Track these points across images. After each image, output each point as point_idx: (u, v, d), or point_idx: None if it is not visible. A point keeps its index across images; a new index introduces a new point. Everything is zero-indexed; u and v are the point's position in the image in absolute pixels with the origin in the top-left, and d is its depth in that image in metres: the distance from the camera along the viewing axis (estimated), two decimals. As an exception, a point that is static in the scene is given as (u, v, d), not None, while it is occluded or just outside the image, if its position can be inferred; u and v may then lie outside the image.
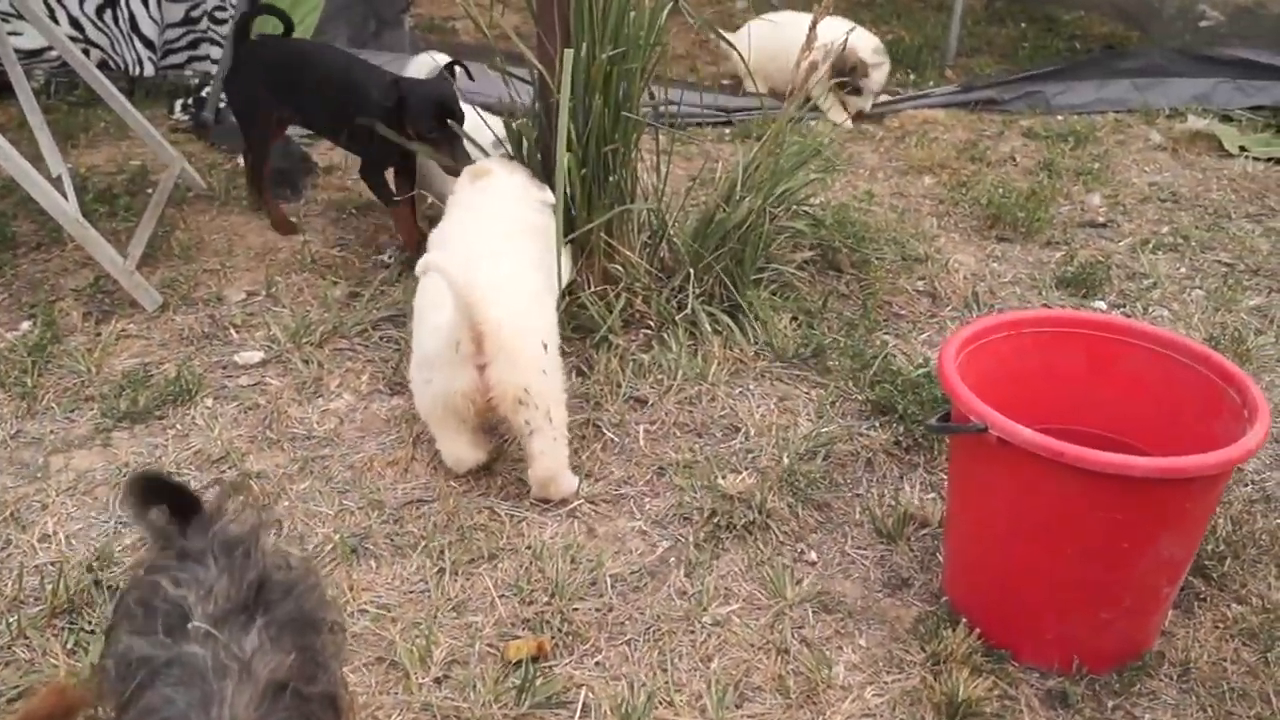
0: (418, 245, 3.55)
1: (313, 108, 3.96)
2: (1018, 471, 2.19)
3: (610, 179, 3.32)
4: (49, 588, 2.39)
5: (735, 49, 4.16)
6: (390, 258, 3.91)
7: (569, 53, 3.01)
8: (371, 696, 2.20)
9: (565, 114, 2.97)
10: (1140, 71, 6.02)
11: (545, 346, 2.71)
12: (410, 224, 3.83)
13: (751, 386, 3.26)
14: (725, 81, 6.18)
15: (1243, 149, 5.30)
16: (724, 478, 2.85)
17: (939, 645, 2.34)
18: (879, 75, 5.66)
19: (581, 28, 3.11)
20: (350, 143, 3.93)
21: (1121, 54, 6.46)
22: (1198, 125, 5.55)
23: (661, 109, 3.59)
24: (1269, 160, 5.22)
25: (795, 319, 3.54)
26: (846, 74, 5.47)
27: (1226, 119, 5.68)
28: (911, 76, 6.46)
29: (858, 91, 5.63)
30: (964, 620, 2.40)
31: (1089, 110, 5.87)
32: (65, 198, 3.46)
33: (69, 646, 2.26)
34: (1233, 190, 4.89)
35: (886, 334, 3.58)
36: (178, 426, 3.01)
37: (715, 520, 2.72)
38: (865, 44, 5.55)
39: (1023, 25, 7.53)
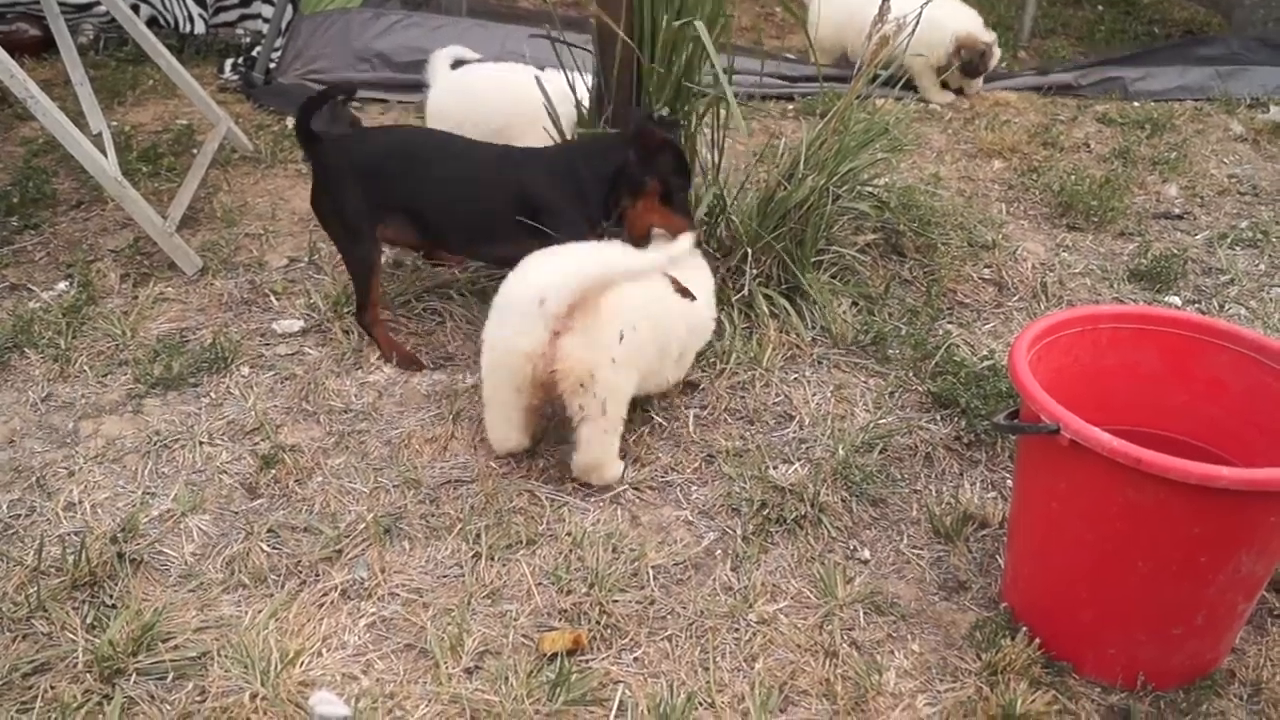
0: None
1: (445, 214, 3.06)
2: (1090, 477, 2.05)
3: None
4: (70, 559, 2.33)
5: (799, 18, 4.00)
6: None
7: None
8: (399, 686, 2.11)
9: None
10: (1221, 59, 5.83)
11: (621, 336, 2.57)
12: None
13: (807, 373, 3.14)
14: (790, 56, 6.02)
15: (1327, 142, 5.10)
16: (775, 468, 2.74)
17: (996, 654, 2.22)
18: (996, 54, 5.59)
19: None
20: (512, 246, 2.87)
21: (1202, 40, 6.26)
22: (1280, 117, 5.36)
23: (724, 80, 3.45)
24: (1353, 155, 5.01)
25: (855, 304, 3.41)
26: (977, 61, 5.43)
27: (1310, 111, 5.48)
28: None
29: (976, 74, 5.56)
30: (1024, 629, 2.28)
31: (1168, 97, 5.69)
32: (105, 156, 3.38)
33: (88, 621, 2.19)
34: (1316, 185, 4.69)
35: (950, 323, 3.44)
36: (211, 395, 2.93)
37: (765, 512, 2.61)
38: (977, 25, 5.50)
39: (1100, 8, 7.32)
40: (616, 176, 2.91)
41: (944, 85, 5.59)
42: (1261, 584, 2.18)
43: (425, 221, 3.05)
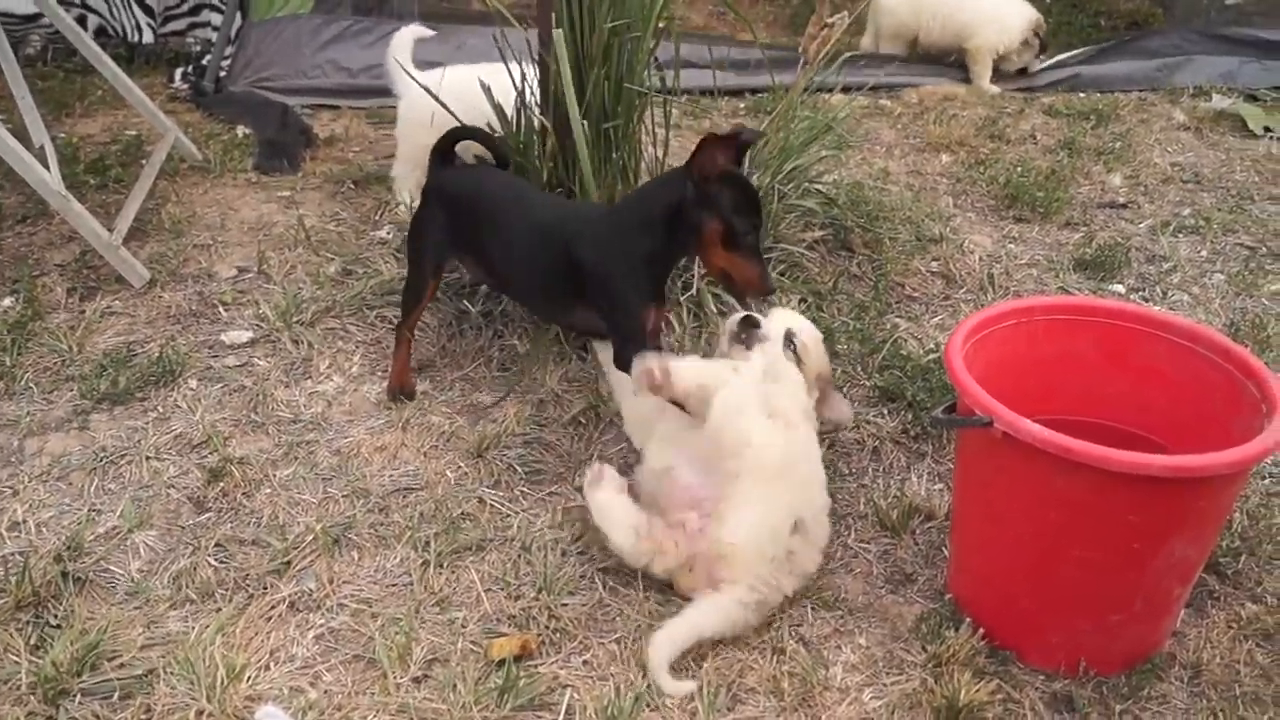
0: None
1: (506, 266, 2.90)
2: (1024, 467, 2.09)
3: (613, 155, 3.21)
4: (14, 579, 2.31)
5: (746, 20, 4.00)
6: (388, 233, 3.81)
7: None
8: (347, 697, 2.11)
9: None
10: (1166, 51, 5.91)
11: None
12: None
13: (755, 371, 3.15)
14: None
15: (1267, 129, 5.19)
16: (725, 466, 2.75)
17: (941, 646, 2.25)
18: None
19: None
20: (581, 314, 2.82)
21: (1147, 33, 6.33)
22: (1222, 105, 5.44)
23: (668, 81, 3.45)
24: (1293, 141, 5.09)
25: (804, 300, 3.43)
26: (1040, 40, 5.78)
27: (1251, 99, 5.56)
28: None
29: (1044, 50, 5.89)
30: (968, 620, 2.31)
31: (1113, 89, 5.75)
32: (48, 169, 3.36)
33: (32, 642, 2.18)
34: (1256, 171, 4.77)
35: (898, 317, 3.47)
36: (159, 409, 2.92)
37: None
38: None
39: (1047, 1, 7.38)
40: (674, 218, 2.56)
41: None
42: (1196, 568, 2.22)
43: (494, 272, 2.97)
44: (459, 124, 3.20)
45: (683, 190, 2.52)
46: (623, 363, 2.61)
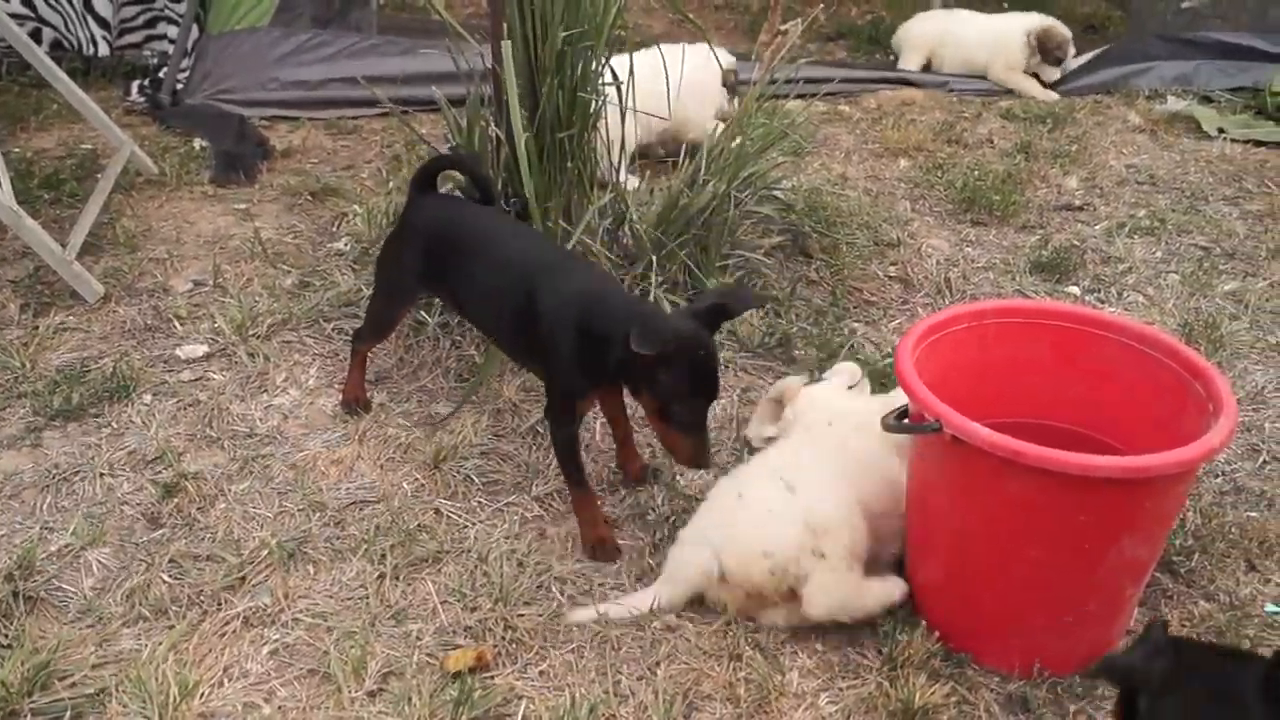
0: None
1: (475, 300, 2.76)
2: (974, 471, 2.10)
3: (568, 165, 3.22)
4: (-36, 600, 2.29)
5: (700, 27, 3.99)
6: (345, 245, 3.80)
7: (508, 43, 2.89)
8: (301, 712, 2.10)
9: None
10: (1131, 56, 5.97)
11: None
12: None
13: (714, 378, 3.16)
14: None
15: (1221, 131, 5.23)
16: (682, 475, 2.76)
17: (896, 649, 2.25)
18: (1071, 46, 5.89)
19: (532, 6, 2.99)
20: (530, 360, 2.76)
21: (1106, 38, 6.37)
22: (1176, 107, 5.48)
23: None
24: (1247, 142, 5.15)
25: (761, 307, 3.43)
26: (1053, 50, 5.77)
27: (1205, 100, 5.61)
28: (892, 57, 6.38)
29: (1057, 63, 5.86)
30: (923, 622, 2.31)
31: (1070, 92, 5.80)
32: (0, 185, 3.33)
33: (-18, 662, 2.16)
34: (1210, 173, 4.81)
35: (856, 321, 3.49)
36: (113, 425, 2.90)
37: (672, 520, 2.62)
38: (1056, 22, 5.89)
39: (1005, 5, 7.42)
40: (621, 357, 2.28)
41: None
42: (1147, 568, 2.24)
43: (464, 310, 2.87)
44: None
45: (625, 340, 2.18)
46: (553, 427, 2.57)
